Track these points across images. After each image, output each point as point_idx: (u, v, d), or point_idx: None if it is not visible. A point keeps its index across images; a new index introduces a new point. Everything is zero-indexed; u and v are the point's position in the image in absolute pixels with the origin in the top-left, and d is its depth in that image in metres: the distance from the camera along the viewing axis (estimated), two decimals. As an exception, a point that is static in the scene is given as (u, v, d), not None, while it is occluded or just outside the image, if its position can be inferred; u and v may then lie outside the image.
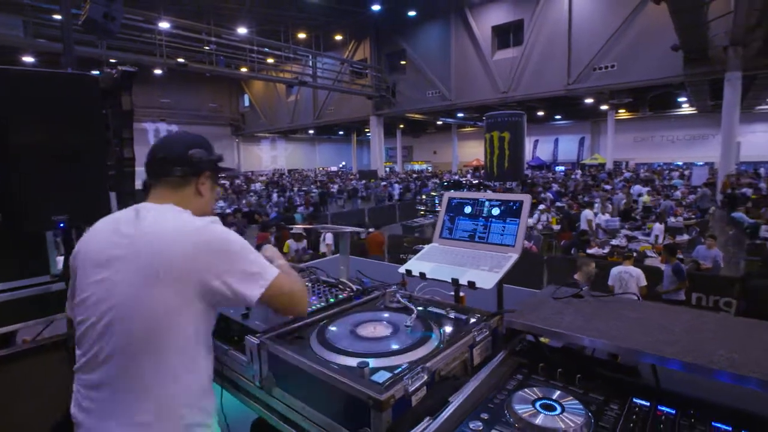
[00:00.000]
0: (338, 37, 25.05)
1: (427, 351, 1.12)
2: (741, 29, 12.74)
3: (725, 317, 1.20)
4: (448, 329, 1.24)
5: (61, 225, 1.76)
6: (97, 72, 2.01)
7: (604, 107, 25.40)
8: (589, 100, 24.28)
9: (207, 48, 17.51)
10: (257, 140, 39.18)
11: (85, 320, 1.06)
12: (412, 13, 21.56)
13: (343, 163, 44.77)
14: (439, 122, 33.58)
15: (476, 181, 21.44)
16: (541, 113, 30.61)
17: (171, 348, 1.03)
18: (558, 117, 34.26)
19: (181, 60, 15.85)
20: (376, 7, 20.18)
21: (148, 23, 15.03)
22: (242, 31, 19.00)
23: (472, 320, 1.31)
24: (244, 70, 20.02)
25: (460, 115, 30.70)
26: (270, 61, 21.26)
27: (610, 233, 10.07)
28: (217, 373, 1.40)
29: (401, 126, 34.25)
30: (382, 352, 1.10)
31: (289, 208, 13.67)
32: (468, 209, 1.58)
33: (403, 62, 23.99)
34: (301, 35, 23.18)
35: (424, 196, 19.89)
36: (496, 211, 1.51)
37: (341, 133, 41.17)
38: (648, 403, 0.94)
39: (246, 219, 11.76)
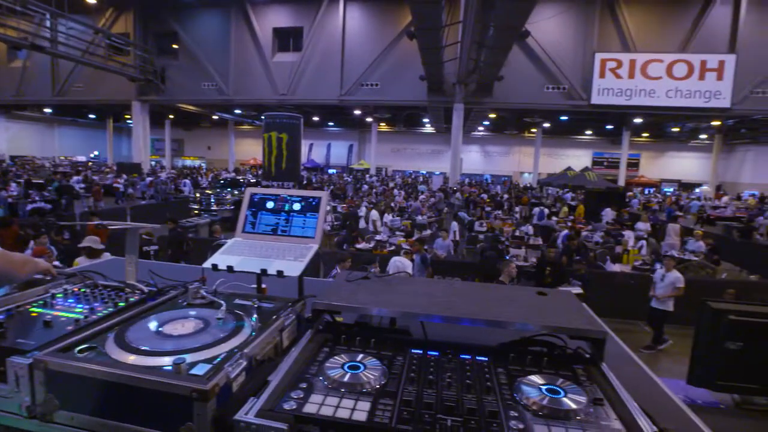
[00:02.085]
0: (90, 0, 20.53)
1: (242, 339, 1.16)
2: (463, 72, 16.67)
3: (469, 284, 1.67)
4: (258, 317, 1.30)
5: None
6: None
7: (369, 119, 28.88)
8: (357, 112, 27.16)
9: None
10: (-46, 113, 28.17)
11: None
12: (186, -7, 19.61)
13: (96, 152, 36.92)
14: (215, 117, 31.55)
15: (254, 180, 21.18)
16: (316, 119, 32.51)
17: None
18: (331, 124, 37.10)
19: None
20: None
21: None
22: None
23: (279, 307, 1.41)
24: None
25: (238, 111, 29.64)
26: (-20, 7, 15.48)
27: (393, 230, 11.69)
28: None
29: (171, 116, 30.59)
30: (196, 347, 1.09)
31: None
32: (270, 204, 1.67)
33: (175, 46, 21.48)
34: (36, -16, 17.84)
35: (197, 195, 18.49)
36: (297, 206, 1.65)
37: (93, 116, 33.82)
38: (421, 351, 1.25)
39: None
